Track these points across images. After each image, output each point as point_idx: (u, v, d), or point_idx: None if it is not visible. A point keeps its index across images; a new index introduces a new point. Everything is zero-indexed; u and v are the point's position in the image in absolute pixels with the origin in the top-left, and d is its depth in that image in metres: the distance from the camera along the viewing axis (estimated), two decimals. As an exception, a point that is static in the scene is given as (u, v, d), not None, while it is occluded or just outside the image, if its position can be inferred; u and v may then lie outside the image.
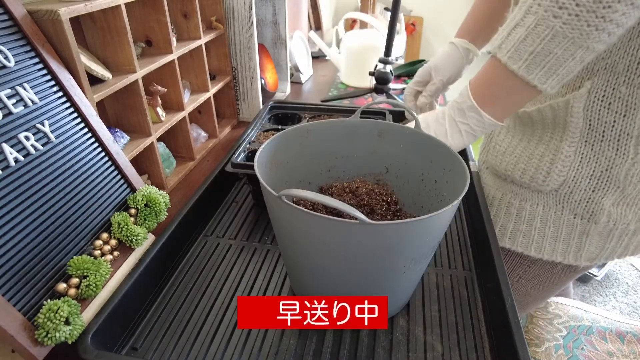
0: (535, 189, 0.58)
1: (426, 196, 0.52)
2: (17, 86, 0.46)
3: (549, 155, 0.55)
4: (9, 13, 0.46)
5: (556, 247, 0.60)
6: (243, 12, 0.89)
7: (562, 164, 0.54)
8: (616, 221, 0.55)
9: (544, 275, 0.67)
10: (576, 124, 0.51)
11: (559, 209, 0.57)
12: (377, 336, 0.46)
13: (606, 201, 0.54)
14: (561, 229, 0.58)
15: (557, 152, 0.54)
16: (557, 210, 0.58)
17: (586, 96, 0.49)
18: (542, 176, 0.56)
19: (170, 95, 0.76)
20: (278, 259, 0.57)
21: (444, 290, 0.53)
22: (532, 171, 0.56)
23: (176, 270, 0.56)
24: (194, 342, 0.46)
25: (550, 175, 0.55)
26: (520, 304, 0.75)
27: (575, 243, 0.59)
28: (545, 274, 0.67)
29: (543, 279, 0.68)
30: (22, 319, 0.39)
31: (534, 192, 0.58)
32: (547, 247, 0.60)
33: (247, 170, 0.63)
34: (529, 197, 0.59)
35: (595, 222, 0.56)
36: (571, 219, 0.57)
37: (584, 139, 0.52)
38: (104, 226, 0.52)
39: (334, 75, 1.41)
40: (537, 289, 0.70)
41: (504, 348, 0.43)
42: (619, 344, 0.83)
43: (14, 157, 0.43)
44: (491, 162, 0.64)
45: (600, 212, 0.55)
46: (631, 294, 1.62)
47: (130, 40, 0.60)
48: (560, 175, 0.54)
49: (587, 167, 0.53)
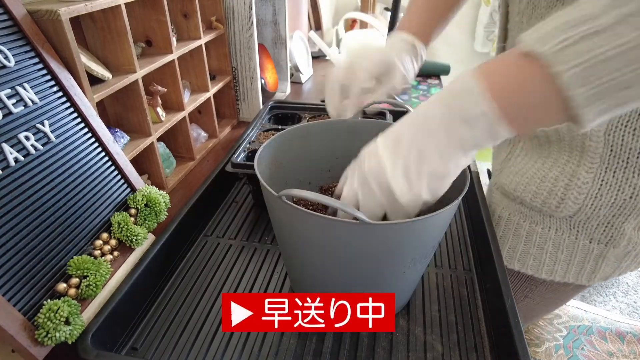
0: (547, 214, 0.54)
1: None
2: (17, 86, 0.46)
3: (563, 179, 0.50)
4: (9, 13, 0.46)
5: (569, 269, 0.57)
6: (243, 12, 0.89)
7: (579, 190, 0.49)
8: (636, 243, 0.52)
9: (551, 293, 0.64)
10: (595, 149, 0.47)
11: (573, 234, 0.53)
12: (377, 336, 0.46)
13: (627, 226, 0.50)
14: (575, 252, 0.55)
15: (573, 177, 0.49)
16: (571, 235, 0.54)
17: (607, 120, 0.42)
18: (555, 202, 0.51)
19: (170, 95, 0.76)
20: (278, 259, 0.57)
21: (444, 290, 0.53)
22: (544, 195, 0.52)
23: (176, 270, 0.56)
24: (194, 342, 0.46)
25: (565, 201, 0.50)
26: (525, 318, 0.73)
27: (590, 266, 0.56)
28: (552, 292, 0.64)
29: (550, 297, 0.66)
30: (22, 319, 0.39)
31: (545, 215, 0.54)
32: (559, 270, 0.57)
33: (247, 170, 0.63)
34: (540, 220, 0.55)
35: (614, 247, 0.52)
36: (587, 243, 0.53)
37: (604, 165, 0.47)
38: (104, 226, 0.52)
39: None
40: (543, 305, 0.68)
41: (504, 348, 0.43)
42: (619, 344, 0.83)
43: (14, 157, 0.43)
44: (502, 181, 0.59)
45: (620, 236, 0.51)
46: (631, 294, 1.62)
47: (130, 40, 0.60)
48: (575, 202, 0.50)
49: (607, 195, 0.48)
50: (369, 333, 0.47)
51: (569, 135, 0.48)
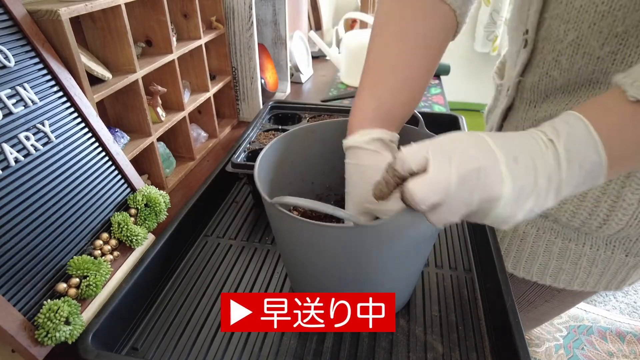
0: (583, 232, 0.52)
1: None
2: (17, 86, 0.46)
3: (607, 201, 0.48)
4: (9, 13, 0.46)
5: (600, 280, 0.56)
6: (243, 12, 0.89)
7: (624, 212, 0.48)
8: None
9: (571, 297, 0.64)
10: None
11: (609, 249, 0.53)
12: (378, 336, 0.46)
13: None
14: (609, 266, 0.54)
15: (617, 198, 0.47)
16: (607, 250, 0.53)
17: None
18: (597, 222, 0.50)
19: (171, 95, 0.76)
20: (278, 259, 0.57)
21: (444, 290, 0.53)
22: (584, 216, 0.50)
23: (176, 270, 0.56)
24: (195, 342, 0.46)
25: (608, 222, 0.49)
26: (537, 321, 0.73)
27: (621, 276, 0.56)
28: (572, 296, 0.64)
29: (569, 300, 0.65)
30: (22, 318, 0.39)
31: (580, 233, 0.53)
32: (590, 282, 0.57)
33: (247, 170, 0.63)
34: (574, 237, 0.54)
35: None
36: (623, 257, 0.53)
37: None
38: (104, 226, 0.52)
39: (334, 75, 1.41)
40: (559, 309, 0.68)
41: (504, 348, 0.43)
42: (619, 344, 0.83)
43: (14, 157, 0.43)
44: None
45: None
46: (631, 294, 1.62)
47: (130, 40, 0.60)
48: (619, 223, 0.49)
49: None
50: (369, 333, 0.47)
51: None
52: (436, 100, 1.22)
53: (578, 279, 0.57)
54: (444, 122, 0.91)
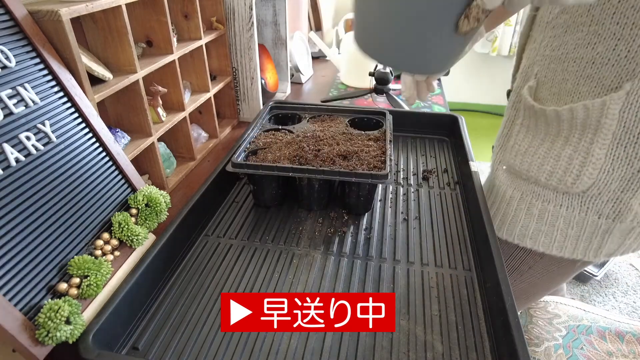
0: (561, 191, 0.57)
1: None
2: (18, 86, 0.46)
3: (578, 157, 0.53)
4: (10, 13, 0.46)
5: (577, 245, 0.59)
6: (243, 12, 0.89)
7: (593, 166, 0.52)
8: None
9: (555, 266, 0.67)
10: (609, 126, 0.49)
11: (583, 210, 0.56)
12: (377, 335, 0.47)
13: (635, 201, 0.53)
14: (584, 228, 0.58)
15: (587, 154, 0.52)
16: (581, 211, 0.56)
17: (624, 98, 0.47)
18: (571, 179, 0.54)
19: (171, 96, 0.76)
20: (279, 259, 0.57)
21: (444, 290, 0.53)
22: (559, 173, 0.55)
23: (177, 270, 0.56)
24: (195, 342, 0.46)
25: (581, 177, 0.53)
26: (527, 294, 0.75)
27: (597, 241, 0.58)
28: (555, 264, 0.66)
29: (553, 270, 0.68)
30: (23, 318, 0.39)
31: (558, 193, 0.57)
32: (568, 247, 0.60)
33: (247, 170, 0.63)
34: (553, 198, 0.58)
35: (621, 222, 0.55)
36: (595, 219, 0.56)
37: (616, 141, 0.50)
38: (105, 226, 0.52)
39: (334, 76, 1.41)
40: (546, 279, 0.70)
41: (504, 348, 0.43)
42: (619, 343, 0.83)
43: (15, 157, 0.43)
44: (510, 162, 0.62)
45: (627, 212, 0.54)
46: (630, 294, 1.62)
47: (131, 40, 0.60)
48: (590, 177, 0.53)
49: (618, 170, 0.52)
50: (368, 332, 0.47)
51: (584, 114, 0.51)
52: (436, 100, 1.22)
53: (556, 242, 0.60)
54: (444, 122, 0.91)
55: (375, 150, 0.68)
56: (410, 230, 0.63)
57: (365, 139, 0.72)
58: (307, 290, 0.52)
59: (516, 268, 0.69)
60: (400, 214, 0.67)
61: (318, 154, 0.66)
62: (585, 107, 0.50)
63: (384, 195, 0.72)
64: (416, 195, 0.72)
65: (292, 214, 0.67)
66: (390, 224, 0.65)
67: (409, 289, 0.53)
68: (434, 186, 0.75)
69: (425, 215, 0.67)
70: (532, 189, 0.60)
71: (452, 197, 0.72)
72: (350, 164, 0.64)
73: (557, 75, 0.54)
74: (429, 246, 0.60)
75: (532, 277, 0.70)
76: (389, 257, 0.58)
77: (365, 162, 0.64)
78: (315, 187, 0.65)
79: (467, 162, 0.74)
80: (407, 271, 0.56)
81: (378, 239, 0.62)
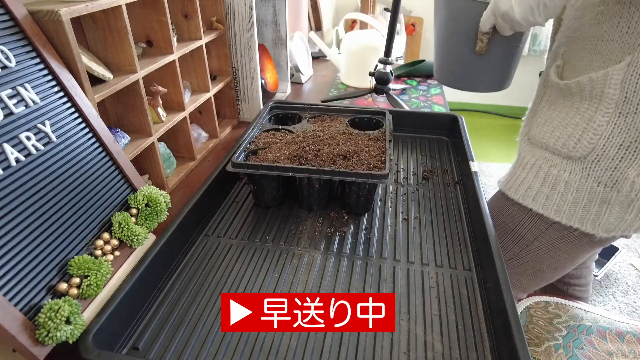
0: (565, 155, 0.61)
1: None
2: (18, 86, 0.46)
3: (582, 124, 0.57)
4: (10, 13, 0.46)
5: (576, 212, 0.62)
6: (243, 12, 0.89)
7: (594, 132, 0.56)
8: (638, 192, 0.57)
9: (559, 241, 0.69)
10: (612, 95, 0.53)
11: (584, 176, 0.60)
12: (377, 335, 0.47)
13: (631, 171, 0.56)
14: (583, 195, 0.61)
15: (590, 120, 0.56)
16: (582, 177, 0.60)
17: (625, 69, 0.52)
18: (572, 142, 0.59)
19: (171, 96, 0.76)
20: (279, 259, 0.58)
21: (444, 290, 0.53)
22: (564, 138, 0.60)
23: (177, 269, 0.56)
24: (195, 342, 0.46)
25: (581, 141, 0.58)
26: (534, 270, 0.76)
27: (595, 210, 0.61)
28: (560, 239, 0.68)
29: (558, 246, 0.70)
30: (23, 318, 0.39)
31: (564, 158, 0.61)
32: (566, 211, 0.63)
33: (247, 170, 0.63)
34: (558, 163, 0.62)
35: (618, 191, 0.58)
36: (594, 186, 0.59)
37: (618, 110, 0.54)
38: (105, 226, 0.52)
39: (334, 76, 1.41)
40: (551, 256, 0.72)
41: (504, 347, 0.43)
42: (619, 343, 0.83)
43: (15, 157, 0.43)
44: (532, 132, 0.67)
45: (624, 181, 0.57)
46: (631, 293, 1.62)
47: (131, 40, 0.60)
48: (590, 142, 0.57)
49: (617, 137, 0.55)
50: (368, 332, 0.47)
51: (590, 85, 0.55)
52: (436, 100, 1.22)
53: (555, 205, 0.64)
54: (444, 122, 0.91)
55: (375, 150, 0.68)
56: (410, 230, 0.63)
57: (366, 138, 0.72)
58: (307, 290, 0.52)
59: (522, 237, 0.72)
60: (400, 213, 0.67)
61: (318, 153, 0.66)
62: (590, 78, 0.55)
63: (384, 195, 0.72)
64: (416, 195, 0.72)
65: (292, 214, 0.67)
66: (390, 223, 0.65)
67: (409, 288, 0.53)
68: (434, 186, 0.75)
69: (425, 215, 0.67)
70: (543, 154, 0.64)
71: (452, 197, 0.72)
72: (350, 163, 0.64)
73: (577, 54, 0.59)
74: (429, 246, 0.60)
75: (538, 250, 0.72)
76: (389, 257, 0.58)
77: (365, 162, 0.64)
78: (315, 187, 0.65)
79: (467, 162, 0.74)
80: (407, 271, 0.56)
81: (378, 238, 0.62)
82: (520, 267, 0.76)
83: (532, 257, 0.73)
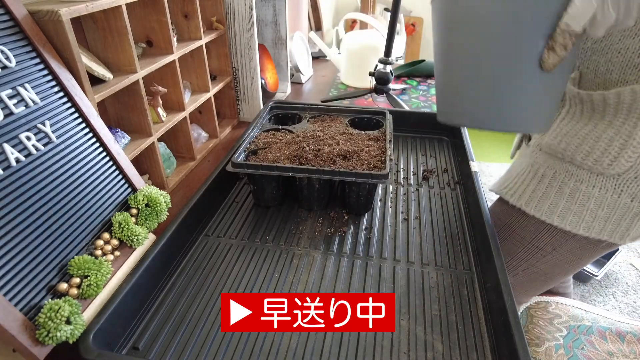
0: (596, 172, 0.57)
1: None
2: (18, 86, 0.46)
3: (619, 140, 0.54)
4: (10, 13, 0.46)
5: (605, 227, 0.60)
6: (243, 12, 0.89)
7: (633, 150, 0.53)
8: None
9: (579, 249, 0.67)
10: None
11: (616, 192, 0.57)
12: (378, 335, 0.47)
13: None
14: (615, 210, 0.59)
15: (629, 137, 0.53)
16: (614, 194, 0.58)
17: None
18: (608, 160, 0.55)
19: (171, 96, 0.76)
20: (279, 259, 0.57)
21: (444, 290, 0.53)
22: (597, 154, 0.56)
23: (177, 269, 0.56)
24: (195, 342, 0.46)
25: (618, 159, 0.54)
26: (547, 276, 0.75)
27: (625, 224, 0.59)
28: (580, 248, 0.67)
29: (577, 253, 0.68)
30: (23, 318, 0.39)
31: (592, 174, 0.58)
32: (595, 227, 0.61)
33: (247, 170, 0.63)
34: (586, 178, 0.59)
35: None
36: (628, 202, 0.57)
37: None
38: (105, 226, 0.52)
39: (334, 76, 1.41)
40: (567, 262, 0.70)
41: (504, 348, 0.43)
42: (619, 343, 0.83)
43: (15, 157, 0.43)
44: (549, 142, 0.63)
45: None
46: (631, 293, 1.62)
47: (131, 40, 0.60)
48: (628, 160, 0.54)
49: None
50: (368, 332, 0.47)
51: (630, 98, 0.52)
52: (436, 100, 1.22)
53: (584, 222, 0.61)
54: (444, 122, 0.91)
55: (375, 150, 0.68)
56: (410, 230, 0.63)
57: (365, 138, 0.72)
58: (307, 290, 0.52)
59: (540, 249, 0.70)
60: (401, 213, 0.67)
61: (318, 153, 0.66)
62: (633, 90, 0.52)
63: (384, 195, 0.72)
64: (416, 195, 0.72)
65: (292, 214, 0.67)
66: (391, 223, 0.65)
67: (409, 288, 0.53)
68: (434, 186, 0.75)
69: (425, 215, 0.67)
70: (566, 167, 0.61)
71: (452, 197, 0.72)
72: (350, 163, 0.64)
73: (600, 67, 0.55)
74: (429, 246, 0.60)
75: (554, 259, 0.70)
76: (389, 257, 0.58)
77: (365, 162, 0.64)
78: (315, 187, 0.65)
79: (467, 162, 0.74)
80: (407, 271, 0.56)
81: (378, 238, 0.62)
82: (534, 274, 0.74)
83: (548, 265, 0.71)
